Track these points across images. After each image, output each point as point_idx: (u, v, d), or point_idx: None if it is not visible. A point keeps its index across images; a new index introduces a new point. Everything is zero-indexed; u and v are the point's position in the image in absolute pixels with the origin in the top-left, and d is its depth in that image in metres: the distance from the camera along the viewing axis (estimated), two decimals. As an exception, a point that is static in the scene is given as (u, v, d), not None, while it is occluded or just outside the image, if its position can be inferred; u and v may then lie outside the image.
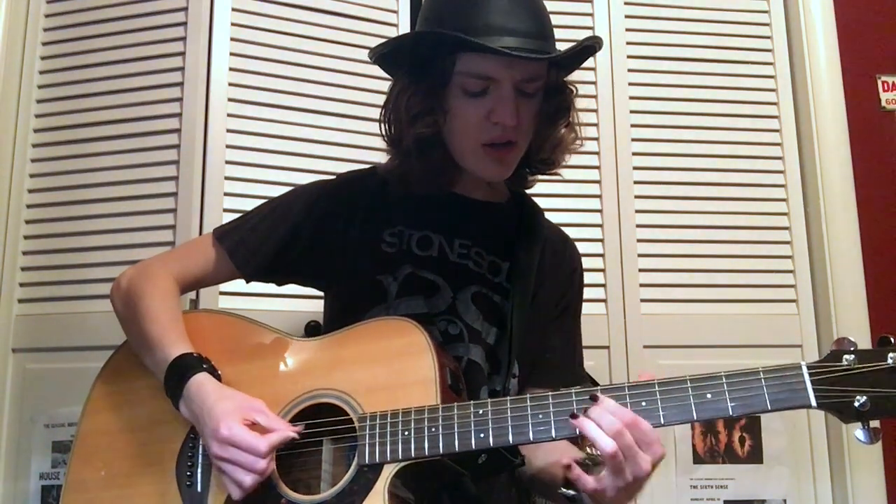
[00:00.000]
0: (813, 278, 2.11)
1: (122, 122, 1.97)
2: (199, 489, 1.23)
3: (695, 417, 1.06)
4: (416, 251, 1.38)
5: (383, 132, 1.38)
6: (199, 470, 1.24)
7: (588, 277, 1.54)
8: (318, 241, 1.40)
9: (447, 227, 1.40)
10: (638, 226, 2.09)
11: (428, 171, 1.36)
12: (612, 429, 1.04)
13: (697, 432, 1.98)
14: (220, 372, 1.27)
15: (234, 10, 1.97)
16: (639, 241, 2.08)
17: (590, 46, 1.32)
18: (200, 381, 1.22)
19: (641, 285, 2.06)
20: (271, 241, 1.40)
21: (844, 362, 1.02)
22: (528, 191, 1.53)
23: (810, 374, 1.03)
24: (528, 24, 1.26)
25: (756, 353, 2.01)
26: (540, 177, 1.50)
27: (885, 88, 2.23)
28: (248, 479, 1.14)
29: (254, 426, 1.16)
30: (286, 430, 1.18)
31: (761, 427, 1.99)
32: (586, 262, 1.58)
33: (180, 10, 1.98)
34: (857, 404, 1.00)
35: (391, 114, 1.35)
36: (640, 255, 2.08)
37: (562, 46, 1.30)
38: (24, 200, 1.99)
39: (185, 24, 1.96)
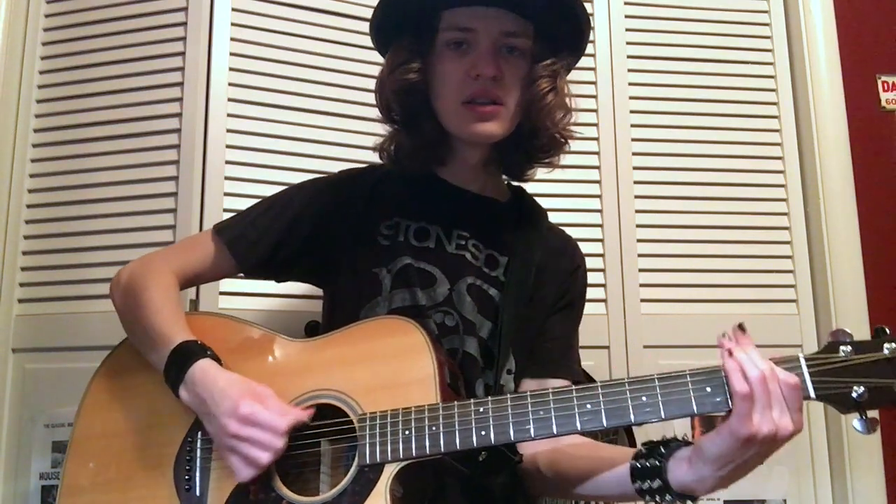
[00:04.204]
0: (813, 278, 2.11)
1: (122, 122, 1.96)
2: (197, 493, 1.23)
3: (695, 411, 1.06)
4: (414, 242, 1.39)
5: (377, 100, 1.42)
6: (198, 473, 1.24)
7: (588, 277, 1.54)
8: (317, 235, 1.41)
9: (445, 218, 1.41)
10: (638, 226, 2.09)
11: (418, 144, 1.38)
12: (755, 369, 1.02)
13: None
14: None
15: (234, 10, 1.97)
16: (639, 241, 2.08)
17: (576, 16, 1.35)
18: (204, 367, 1.23)
19: (641, 285, 2.06)
20: (270, 234, 1.40)
21: (841, 353, 1.03)
22: (529, 190, 1.53)
23: (808, 366, 1.04)
24: None
25: (756, 353, 2.00)
26: (540, 176, 1.50)
27: (885, 88, 2.24)
28: (266, 457, 1.15)
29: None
30: (300, 413, 1.19)
31: (761, 427, 1.98)
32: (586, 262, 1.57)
33: (180, 10, 1.97)
34: (854, 395, 1.01)
35: (384, 74, 1.40)
36: (640, 255, 2.07)
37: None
38: (24, 200, 1.98)
39: (185, 24, 1.96)
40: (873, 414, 1.02)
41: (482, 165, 1.43)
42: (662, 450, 1.12)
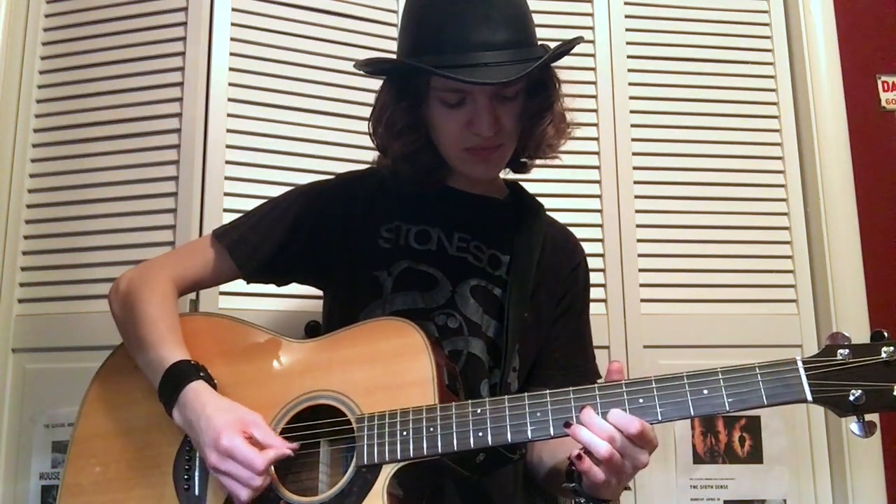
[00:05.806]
0: (813, 278, 2.11)
1: (122, 122, 1.97)
2: (196, 492, 1.23)
3: (692, 413, 1.06)
4: (414, 245, 1.38)
5: (372, 138, 1.40)
6: (197, 473, 1.24)
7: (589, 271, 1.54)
8: (317, 239, 1.40)
9: (446, 220, 1.41)
10: (638, 226, 2.09)
11: (417, 172, 1.37)
12: (605, 433, 1.05)
13: (697, 432, 1.98)
14: (217, 374, 1.27)
15: (234, 10, 1.97)
16: (639, 241, 2.08)
17: (565, 52, 1.31)
18: (197, 390, 1.22)
19: (641, 285, 2.06)
20: (271, 238, 1.40)
21: (839, 357, 1.03)
22: (528, 189, 1.53)
23: (805, 369, 1.04)
24: (505, 34, 1.24)
25: (756, 353, 1.96)
26: (540, 177, 1.50)
27: (885, 88, 2.23)
28: (245, 494, 1.14)
29: (250, 440, 1.16)
30: (282, 447, 1.17)
31: (761, 427, 1.98)
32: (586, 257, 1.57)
33: (180, 10, 1.97)
34: (852, 398, 1.01)
35: (377, 123, 1.37)
36: (640, 255, 2.07)
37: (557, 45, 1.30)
38: (24, 200, 1.99)
39: (185, 24, 1.96)
40: (871, 417, 1.02)
41: None
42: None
